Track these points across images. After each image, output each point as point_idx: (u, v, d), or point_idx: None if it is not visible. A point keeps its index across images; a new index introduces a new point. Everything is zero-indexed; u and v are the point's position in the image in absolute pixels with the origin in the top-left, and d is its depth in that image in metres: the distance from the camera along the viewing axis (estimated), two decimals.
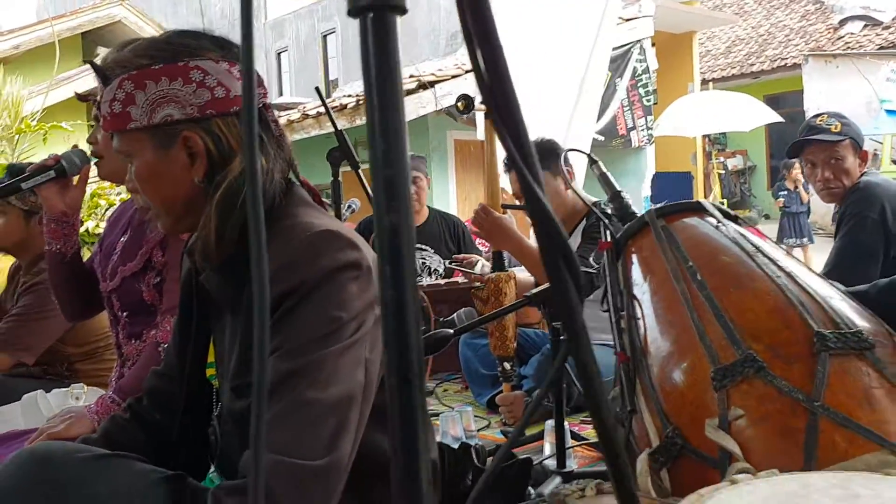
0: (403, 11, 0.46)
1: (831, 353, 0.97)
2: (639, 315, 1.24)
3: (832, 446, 0.90)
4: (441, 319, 2.34)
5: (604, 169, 1.55)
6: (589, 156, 1.60)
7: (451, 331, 1.57)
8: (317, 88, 2.30)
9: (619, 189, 1.50)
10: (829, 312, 1.03)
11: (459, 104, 2.23)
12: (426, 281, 3.56)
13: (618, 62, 8.16)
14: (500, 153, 3.59)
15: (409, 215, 0.46)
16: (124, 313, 1.79)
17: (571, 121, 3.96)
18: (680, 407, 1.05)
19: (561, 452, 1.70)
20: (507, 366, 2.42)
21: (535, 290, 1.70)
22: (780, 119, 9.78)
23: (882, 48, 12.82)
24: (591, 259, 2.30)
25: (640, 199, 9.16)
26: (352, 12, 0.47)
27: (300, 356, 0.95)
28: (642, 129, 8.70)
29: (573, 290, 0.54)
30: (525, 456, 1.39)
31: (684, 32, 11.77)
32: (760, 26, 16.51)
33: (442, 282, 3.19)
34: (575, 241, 2.62)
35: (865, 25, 14.14)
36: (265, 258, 0.46)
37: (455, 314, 2.45)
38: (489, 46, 0.51)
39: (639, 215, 1.41)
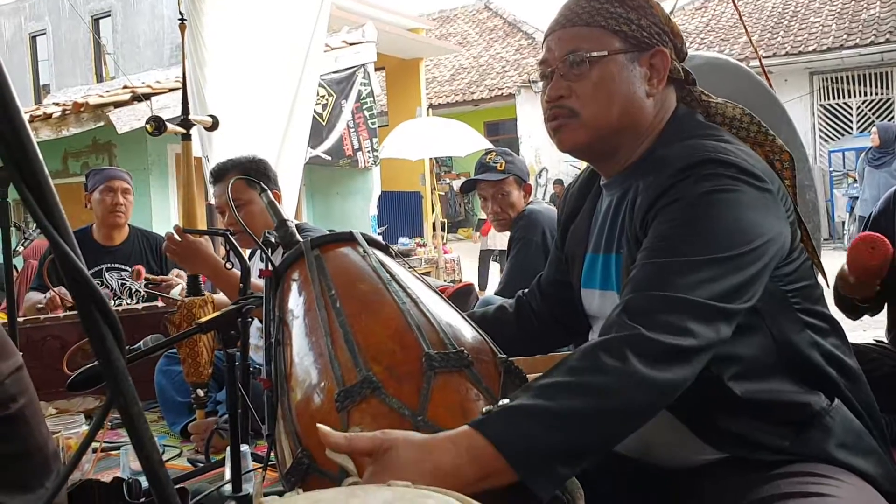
0: None
1: (436, 371, 1.10)
2: (288, 341, 1.30)
3: None
4: (127, 348, 2.24)
5: (271, 198, 1.61)
6: (258, 184, 1.65)
7: None
8: None
9: (284, 217, 1.56)
10: (440, 335, 1.17)
11: (148, 126, 2.17)
12: (126, 304, 3.40)
13: (343, 84, 8.38)
14: (206, 169, 3.54)
15: None
16: None
17: (283, 143, 4.01)
18: (310, 429, 1.12)
19: (237, 476, 1.71)
20: (201, 392, 2.38)
21: (205, 318, 1.71)
22: (490, 146, 10.61)
23: None
24: None
25: (367, 218, 9.44)
26: None
27: None
28: (368, 151, 8.99)
29: (109, 335, 0.57)
30: (180, 486, 1.39)
31: (412, 58, 12.36)
32: (481, 57, 17.81)
33: (140, 306, 3.06)
34: None
35: None
36: None
37: (142, 341, 2.37)
38: None
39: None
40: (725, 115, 1.31)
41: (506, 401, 1.01)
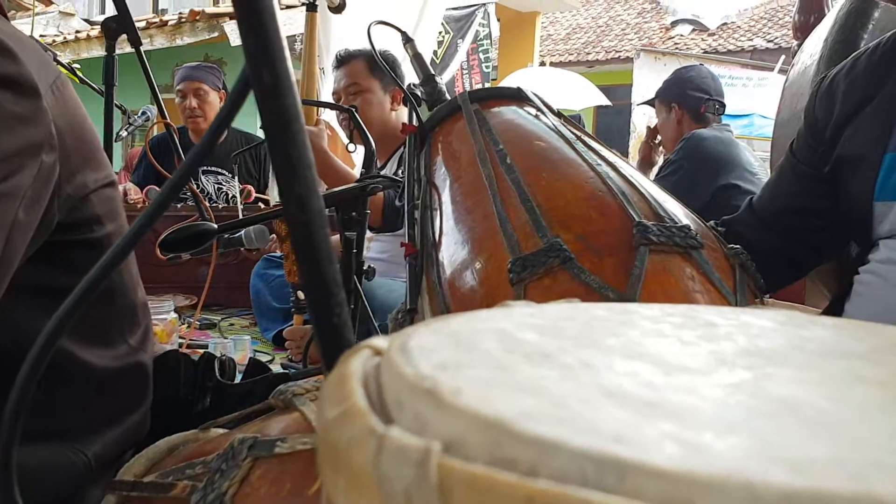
0: None
1: (652, 247, 0.79)
2: (436, 206, 1.02)
3: None
4: (228, 237, 2.03)
5: (417, 50, 1.33)
6: (403, 33, 1.37)
7: (215, 225, 1.28)
8: None
9: (432, 72, 1.28)
10: (652, 205, 0.86)
11: None
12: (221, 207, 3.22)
13: (461, 23, 8.01)
14: (333, 48, 3.31)
15: None
16: None
17: None
18: (467, 304, 0.84)
19: None
20: (301, 295, 2.16)
21: (325, 192, 1.46)
22: (608, 103, 10.10)
23: (706, 52, 13.60)
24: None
25: None
26: None
27: None
28: None
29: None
30: (280, 371, 1.14)
31: (529, 12, 11.87)
32: (600, 17, 17.09)
33: (240, 208, 2.86)
34: (391, 169, 2.40)
35: (693, 30, 14.98)
36: None
37: (243, 231, 2.15)
38: None
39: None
40: None
41: None
